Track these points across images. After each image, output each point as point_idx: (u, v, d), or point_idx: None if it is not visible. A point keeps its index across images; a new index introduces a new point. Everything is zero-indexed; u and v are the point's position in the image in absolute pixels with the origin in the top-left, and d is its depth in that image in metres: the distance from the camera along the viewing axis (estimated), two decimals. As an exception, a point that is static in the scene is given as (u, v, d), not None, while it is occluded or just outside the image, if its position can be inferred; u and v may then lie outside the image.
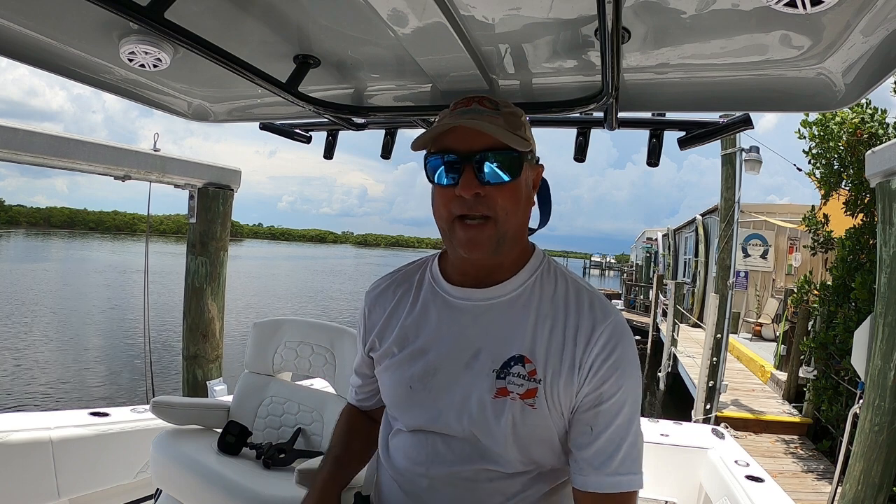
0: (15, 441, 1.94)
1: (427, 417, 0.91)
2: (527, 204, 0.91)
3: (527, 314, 0.89)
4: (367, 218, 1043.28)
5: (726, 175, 6.96)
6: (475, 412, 0.87)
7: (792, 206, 12.46)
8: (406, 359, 0.95)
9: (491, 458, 0.88)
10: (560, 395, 0.85)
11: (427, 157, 0.89)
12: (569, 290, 0.92)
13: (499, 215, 0.85)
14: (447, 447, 0.90)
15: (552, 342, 0.87)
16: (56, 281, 24.87)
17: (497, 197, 0.84)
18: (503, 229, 0.85)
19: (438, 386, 0.91)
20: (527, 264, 0.94)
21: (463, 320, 0.92)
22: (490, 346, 0.89)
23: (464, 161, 0.84)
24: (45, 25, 1.02)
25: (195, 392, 3.43)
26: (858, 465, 2.42)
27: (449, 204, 0.86)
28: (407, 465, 0.94)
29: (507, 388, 0.86)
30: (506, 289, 0.91)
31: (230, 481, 1.71)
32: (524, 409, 0.85)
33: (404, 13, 0.86)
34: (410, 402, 0.94)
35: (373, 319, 1.03)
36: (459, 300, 0.93)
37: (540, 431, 0.87)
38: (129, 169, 2.86)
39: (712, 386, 6.44)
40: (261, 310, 18.35)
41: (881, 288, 2.39)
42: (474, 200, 0.84)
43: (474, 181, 0.83)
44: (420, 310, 0.97)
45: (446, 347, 0.91)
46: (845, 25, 0.81)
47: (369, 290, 1.08)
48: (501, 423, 0.85)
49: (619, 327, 0.88)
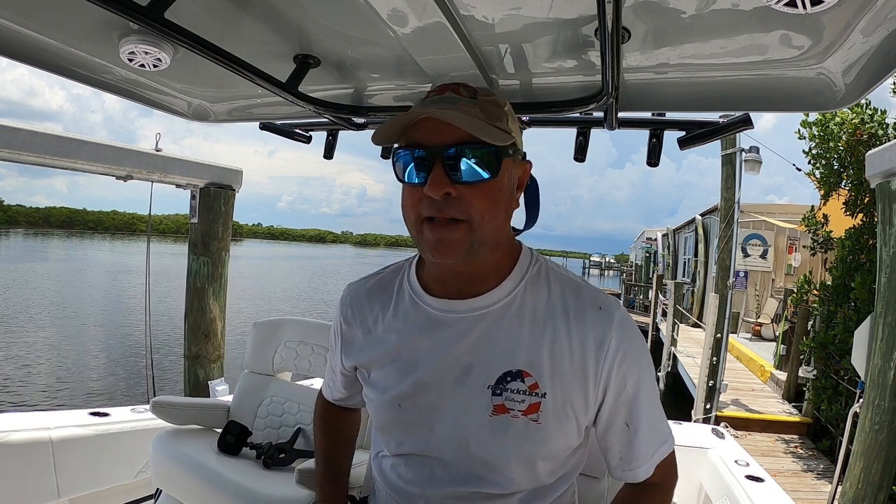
0: (15, 441, 1.94)
1: (420, 438, 0.86)
2: (508, 205, 0.81)
3: (520, 324, 0.82)
4: (366, 218, 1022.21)
5: (726, 175, 6.96)
6: (475, 430, 0.82)
7: (792, 206, 12.47)
8: (393, 375, 0.88)
9: (489, 479, 0.83)
10: (574, 406, 0.81)
11: (395, 150, 0.79)
12: (565, 291, 0.84)
13: (473, 218, 0.75)
14: (443, 468, 0.85)
15: (555, 351, 0.81)
16: (55, 281, 24.86)
17: (471, 198, 0.74)
18: (478, 234, 0.76)
19: (429, 405, 0.84)
20: (514, 269, 0.85)
21: (450, 335, 0.83)
22: (482, 361, 0.82)
23: (433, 156, 0.74)
24: (45, 25, 1.02)
25: (197, 392, 3.43)
26: (858, 464, 2.42)
27: (417, 205, 0.76)
28: (402, 485, 0.90)
29: (506, 405, 0.80)
30: (493, 298, 0.83)
31: (230, 481, 1.71)
32: (528, 426, 0.80)
33: (404, 13, 0.86)
34: (400, 423, 0.88)
35: (352, 332, 0.96)
36: (443, 313, 0.85)
37: (547, 447, 0.82)
38: (131, 169, 2.87)
39: (712, 386, 6.44)
40: (260, 311, 18.34)
41: (881, 288, 2.39)
42: (444, 202, 0.74)
43: (444, 179, 0.73)
44: (402, 324, 0.88)
45: (434, 363, 0.84)
46: (845, 25, 0.81)
47: (344, 299, 0.98)
48: (503, 442, 0.81)
49: (625, 320, 0.83)
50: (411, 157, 0.76)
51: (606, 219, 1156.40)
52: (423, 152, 0.75)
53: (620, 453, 0.85)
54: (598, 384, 0.81)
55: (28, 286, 21.68)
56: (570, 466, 0.90)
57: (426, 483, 0.86)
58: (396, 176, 0.80)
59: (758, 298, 12.41)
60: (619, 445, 0.85)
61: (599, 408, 0.83)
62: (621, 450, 0.85)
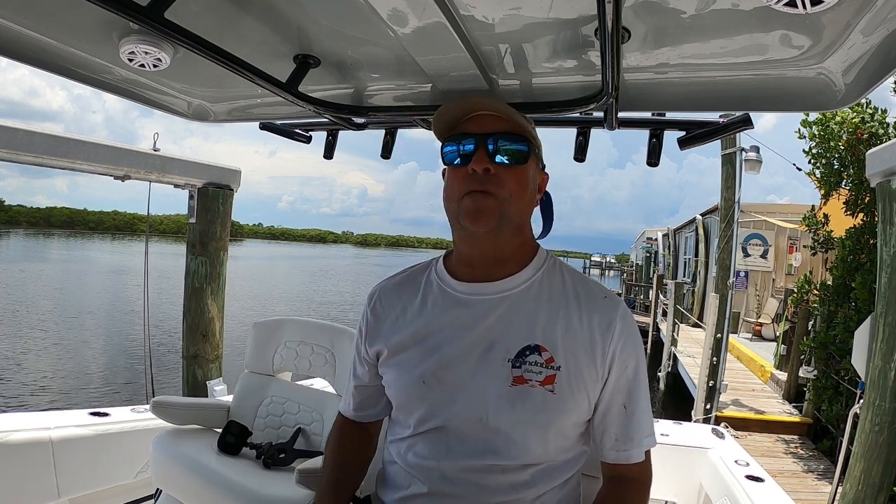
0: (15, 441, 1.93)
1: (442, 411, 0.92)
2: (531, 197, 0.97)
3: (538, 305, 0.94)
4: (367, 218, 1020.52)
5: (726, 175, 6.96)
6: (493, 402, 0.89)
7: (792, 206, 12.46)
8: (418, 355, 0.96)
9: (504, 451, 0.90)
10: (585, 380, 0.91)
11: (444, 144, 0.96)
12: (576, 282, 0.98)
13: (502, 194, 0.90)
14: (460, 442, 0.91)
15: (569, 331, 0.92)
16: (55, 280, 24.86)
17: (504, 177, 0.91)
18: (506, 208, 0.90)
19: (453, 379, 0.92)
20: (533, 260, 0.99)
21: (474, 315, 0.94)
22: (503, 337, 0.92)
23: (478, 141, 0.91)
24: (45, 25, 1.02)
25: (195, 392, 3.43)
26: (859, 464, 2.42)
27: (461, 181, 0.92)
28: (418, 461, 0.95)
29: (524, 377, 0.89)
30: (515, 282, 0.95)
31: (230, 481, 1.71)
32: (545, 396, 0.89)
33: (404, 13, 0.86)
34: (423, 398, 0.94)
35: (378, 321, 1.04)
36: (469, 296, 0.96)
37: (560, 418, 0.90)
38: (128, 169, 2.87)
39: (712, 386, 6.44)
40: (259, 311, 18.34)
41: (881, 288, 2.39)
42: (484, 177, 0.90)
43: (486, 158, 0.90)
44: (430, 309, 0.99)
45: (459, 342, 0.93)
46: (845, 25, 0.81)
47: (373, 292, 1.09)
48: (522, 410, 0.89)
49: (626, 312, 0.96)
50: (459, 145, 0.93)
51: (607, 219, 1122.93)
52: (471, 139, 0.92)
53: (616, 434, 0.94)
54: (604, 362, 0.92)
55: (28, 286, 21.67)
56: (578, 450, 0.97)
57: (442, 456, 0.93)
58: (444, 163, 0.96)
59: (758, 298, 12.41)
60: (616, 427, 0.94)
61: (603, 386, 0.93)
62: (617, 431, 0.94)
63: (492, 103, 0.93)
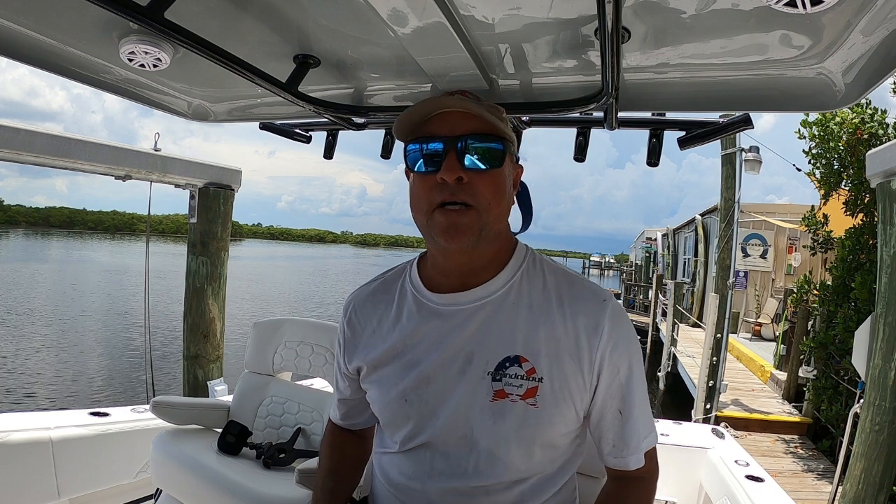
0: (15, 441, 1.93)
1: (426, 427, 0.88)
2: (508, 198, 0.89)
3: (517, 312, 0.87)
4: (366, 218, 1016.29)
5: (726, 175, 6.97)
6: (476, 416, 0.85)
7: (792, 206, 12.47)
8: (397, 371, 0.91)
9: (489, 470, 0.85)
10: (571, 390, 0.84)
11: (407, 145, 0.86)
12: (559, 281, 0.90)
13: (480, 204, 0.81)
14: (444, 461, 0.87)
15: (552, 337, 0.85)
16: (55, 280, 24.86)
17: (479, 184, 0.81)
18: (485, 219, 0.82)
19: (435, 395, 0.87)
20: (510, 260, 0.91)
21: (452, 326, 0.88)
22: (482, 348, 0.86)
23: (447, 145, 0.82)
24: (45, 25, 1.02)
25: (196, 392, 3.43)
26: (859, 464, 2.42)
27: (430, 192, 0.82)
28: (402, 480, 0.91)
29: (505, 390, 0.84)
30: (492, 288, 0.88)
31: (230, 481, 1.71)
32: (527, 410, 0.83)
33: (404, 13, 0.86)
34: (407, 416, 0.90)
35: (355, 334, 0.99)
36: (445, 307, 0.89)
37: (545, 432, 0.85)
38: (129, 169, 2.87)
39: (712, 386, 6.45)
40: (259, 311, 18.34)
41: (881, 288, 2.39)
42: (456, 186, 0.80)
43: (457, 165, 0.80)
44: (406, 321, 0.93)
45: (437, 356, 0.88)
46: (845, 25, 0.81)
47: (348, 303, 1.03)
48: (503, 426, 0.83)
49: (616, 308, 0.88)
50: (424, 148, 0.83)
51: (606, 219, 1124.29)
52: (438, 142, 0.82)
53: (613, 441, 0.89)
54: (592, 369, 0.85)
55: (28, 286, 21.66)
56: (569, 456, 0.92)
57: (426, 477, 0.88)
58: (407, 168, 0.86)
59: (758, 298, 12.41)
60: (613, 433, 0.89)
61: (594, 394, 0.87)
62: (614, 437, 0.89)
63: (457, 101, 0.82)
